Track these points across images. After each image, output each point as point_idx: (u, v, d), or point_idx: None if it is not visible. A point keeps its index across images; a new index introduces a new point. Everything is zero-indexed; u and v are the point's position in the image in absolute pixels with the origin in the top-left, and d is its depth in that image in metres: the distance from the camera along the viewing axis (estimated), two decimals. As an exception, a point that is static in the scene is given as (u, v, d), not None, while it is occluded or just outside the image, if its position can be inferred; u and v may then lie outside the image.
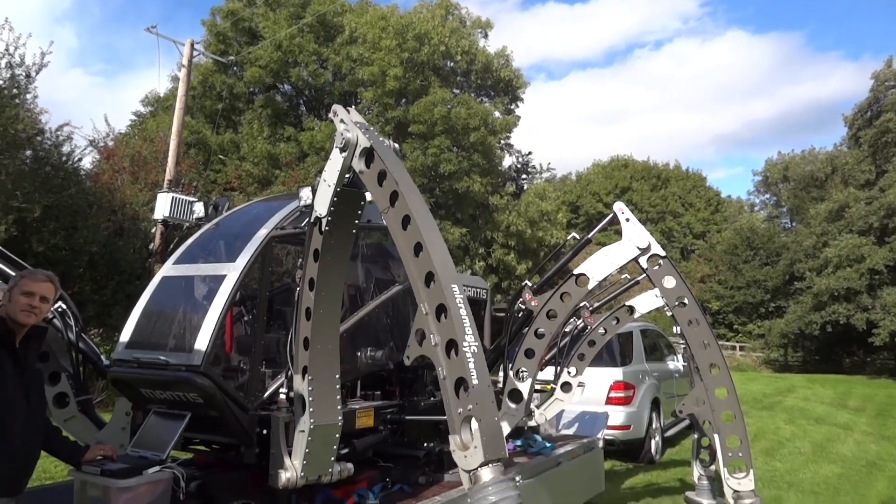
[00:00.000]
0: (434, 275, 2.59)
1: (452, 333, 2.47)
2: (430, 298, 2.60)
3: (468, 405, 2.37)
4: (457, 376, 2.45)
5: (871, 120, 29.85)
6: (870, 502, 7.11)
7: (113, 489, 3.26)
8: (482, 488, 2.29)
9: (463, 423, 2.38)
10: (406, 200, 2.78)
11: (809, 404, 16.34)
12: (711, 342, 4.85)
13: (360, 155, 3.07)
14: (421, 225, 2.71)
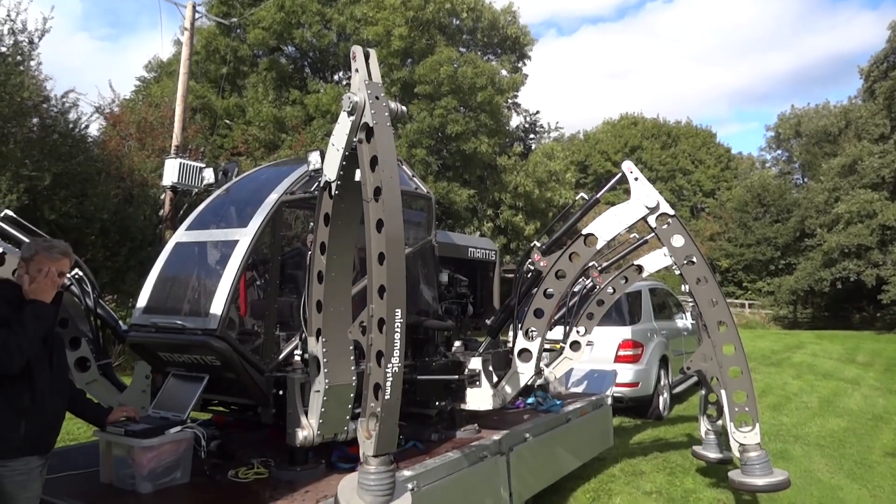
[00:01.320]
0: (384, 287, 2.83)
1: (382, 346, 2.86)
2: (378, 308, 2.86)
3: (377, 407, 2.85)
4: (375, 381, 2.89)
5: (886, 72, 29.16)
6: (874, 454, 7.22)
7: (137, 448, 3.39)
8: (366, 472, 2.85)
9: (370, 417, 2.87)
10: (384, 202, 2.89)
11: (817, 360, 16.45)
12: (720, 300, 4.87)
13: (362, 128, 3.07)
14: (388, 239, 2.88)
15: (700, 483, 6.19)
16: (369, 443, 2.87)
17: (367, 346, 2.94)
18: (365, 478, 2.86)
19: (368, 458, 2.87)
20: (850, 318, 30.41)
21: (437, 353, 5.03)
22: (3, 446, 2.63)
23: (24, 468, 2.69)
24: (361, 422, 2.91)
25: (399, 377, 2.92)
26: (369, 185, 2.96)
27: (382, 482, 2.86)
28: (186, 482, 3.58)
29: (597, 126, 54.92)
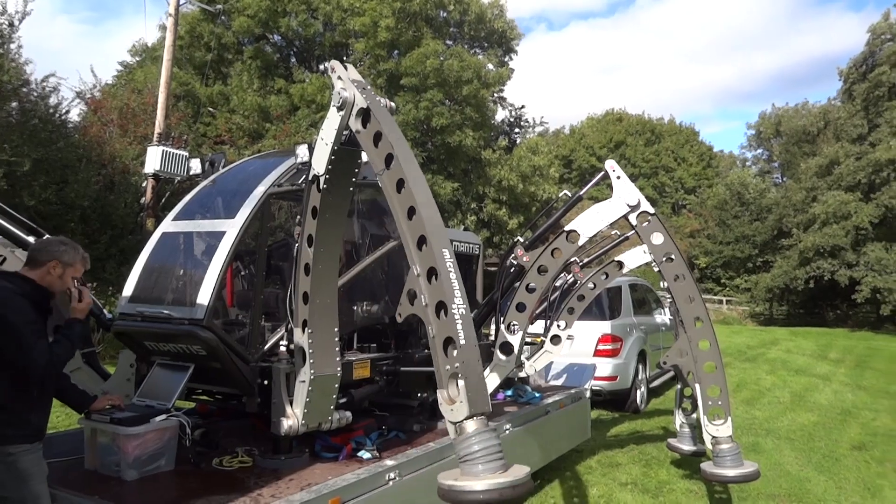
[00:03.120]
0: (426, 238, 2.70)
1: (442, 295, 2.62)
2: (422, 261, 2.72)
3: (455, 363, 2.54)
4: (445, 336, 2.60)
5: (865, 74, 29.64)
6: (841, 448, 7.46)
7: (122, 436, 3.44)
8: (466, 439, 2.48)
9: (450, 380, 2.55)
10: (401, 164, 2.86)
11: (791, 356, 16.81)
12: (696, 297, 5.01)
13: (357, 115, 3.12)
14: (415, 189, 2.79)
15: (674, 475, 6.36)
16: (459, 406, 2.51)
17: (423, 306, 2.69)
18: (466, 448, 2.46)
19: (463, 424, 2.51)
20: (825, 315, 30.99)
21: (421, 344, 5.11)
22: (19, 433, 2.78)
23: (36, 450, 2.86)
24: (440, 392, 2.58)
25: (469, 321, 2.63)
26: (378, 157, 2.94)
27: (489, 447, 2.46)
28: (171, 470, 3.63)
29: (582, 121, 55.21)
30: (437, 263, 2.66)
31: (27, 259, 3.03)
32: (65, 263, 2.97)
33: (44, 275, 2.93)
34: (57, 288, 2.99)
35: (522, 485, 2.45)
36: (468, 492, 2.39)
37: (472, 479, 2.41)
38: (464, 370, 2.52)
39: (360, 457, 3.96)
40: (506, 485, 2.39)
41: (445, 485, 2.46)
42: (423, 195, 2.80)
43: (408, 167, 2.85)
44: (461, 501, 2.40)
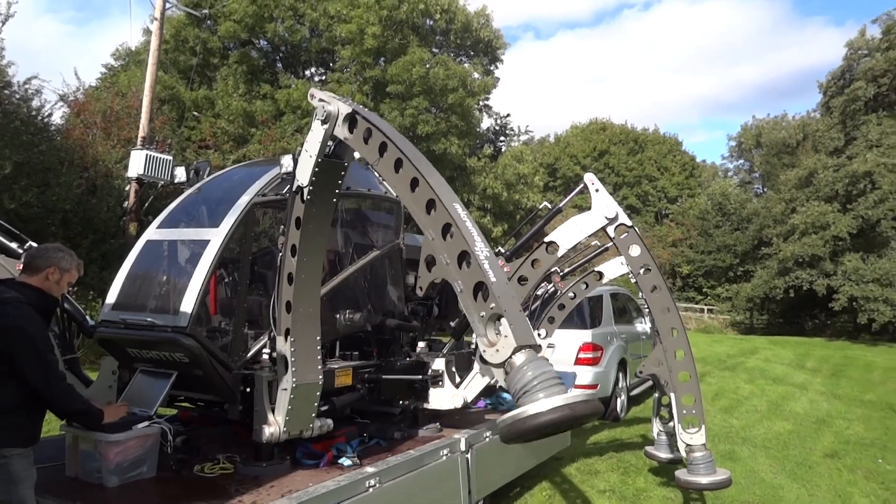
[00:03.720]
0: (435, 201, 2.71)
1: (462, 245, 2.57)
2: (434, 223, 2.69)
3: (490, 304, 2.42)
4: (474, 282, 2.50)
5: (843, 88, 30.27)
6: (814, 455, 7.62)
7: (103, 442, 3.46)
8: (518, 371, 2.31)
9: (488, 323, 2.42)
10: (396, 146, 2.91)
11: (770, 365, 17.06)
12: (672, 307, 5.13)
13: (343, 121, 3.20)
14: (414, 162, 2.83)
15: (651, 482, 6.46)
16: (504, 341, 2.36)
17: (445, 265, 2.61)
18: (520, 380, 2.29)
19: (512, 359, 2.34)
20: (803, 325, 31.48)
21: (402, 353, 5.18)
22: (17, 436, 2.84)
23: (28, 454, 2.92)
24: (480, 340, 2.44)
25: (495, 261, 2.54)
26: (372, 150, 2.97)
27: (545, 373, 2.29)
28: (152, 477, 3.65)
29: (567, 130, 55.65)
30: (450, 218, 2.62)
31: (24, 266, 3.08)
32: (62, 269, 3.05)
33: (42, 281, 3.01)
34: (55, 294, 3.07)
35: (593, 400, 2.29)
36: (534, 414, 2.18)
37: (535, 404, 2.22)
38: (501, 306, 2.39)
39: (340, 464, 3.99)
40: (578, 398, 2.24)
41: (507, 420, 2.24)
42: (423, 166, 2.83)
43: (403, 146, 2.90)
44: (529, 427, 2.19)
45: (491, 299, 2.42)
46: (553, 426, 2.23)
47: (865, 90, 28.12)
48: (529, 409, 2.19)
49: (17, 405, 2.83)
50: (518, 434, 2.24)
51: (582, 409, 2.23)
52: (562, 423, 2.22)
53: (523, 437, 2.29)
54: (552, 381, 2.26)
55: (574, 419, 2.25)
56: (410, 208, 2.82)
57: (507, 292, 2.48)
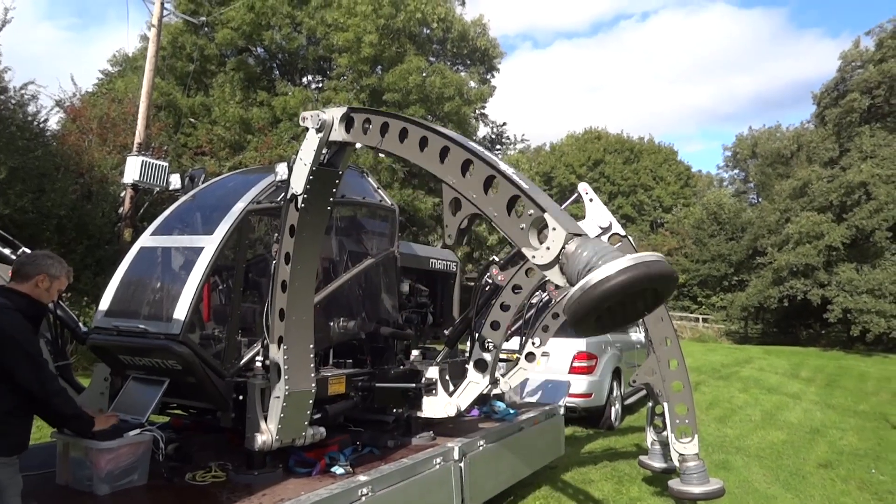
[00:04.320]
0: (447, 146, 2.72)
1: (486, 172, 2.56)
2: (452, 166, 2.68)
3: (528, 210, 2.37)
4: (507, 199, 2.46)
5: (837, 99, 30.50)
6: (808, 465, 7.62)
7: (95, 450, 3.44)
8: (574, 255, 2.18)
9: (530, 231, 2.36)
10: (396, 119, 2.97)
11: (764, 374, 17.09)
12: (665, 317, 5.14)
13: (340, 123, 3.22)
14: (417, 124, 2.88)
15: (645, 491, 6.46)
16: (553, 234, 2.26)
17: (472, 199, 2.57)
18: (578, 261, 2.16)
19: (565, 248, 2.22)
20: (798, 334, 31.55)
21: (396, 361, 5.17)
22: (5, 444, 2.83)
23: (13, 463, 2.90)
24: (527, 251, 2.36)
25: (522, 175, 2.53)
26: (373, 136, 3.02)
27: (602, 248, 2.17)
28: (143, 484, 3.64)
29: (562, 139, 55.86)
30: (468, 154, 2.62)
31: (14, 272, 3.08)
32: (52, 276, 3.05)
33: (32, 288, 3.01)
34: (44, 301, 3.08)
35: (664, 260, 2.12)
36: (604, 278, 2.02)
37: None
38: (541, 206, 2.33)
39: (333, 472, 3.98)
40: (649, 256, 2.08)
41: (574, 294, 2.07)
42: (426, 125, 2.86)
43: (402, 118, 2.94)
44: (600, 294, 2.01)
45: (528, 206, 2.35)
46: (625, 289, 2.01)
47: (860, 101, 28.32)
48: (595, 276, 2.01)
49: (2, 414, 2.82)
50: (588, 305, 2.03)
51: (657, 267, 2.05)
52: (635, 283, 2.02)
53: (593, 313, 2.07)
54: (615, 252, 2.10)
55: (648, 278, 2.04)
56: (426, 166, 2.80)
57: (542, 194, 2.40)
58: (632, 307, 2.23)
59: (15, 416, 2.88)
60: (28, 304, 2.98)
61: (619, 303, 2.08)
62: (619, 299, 2.05)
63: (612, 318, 2.22)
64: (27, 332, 2.90)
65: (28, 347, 2.85)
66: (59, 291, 3.17)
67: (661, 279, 2.10)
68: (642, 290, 2.10)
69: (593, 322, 2.17)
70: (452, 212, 2.70)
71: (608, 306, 2.07)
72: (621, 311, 2.20)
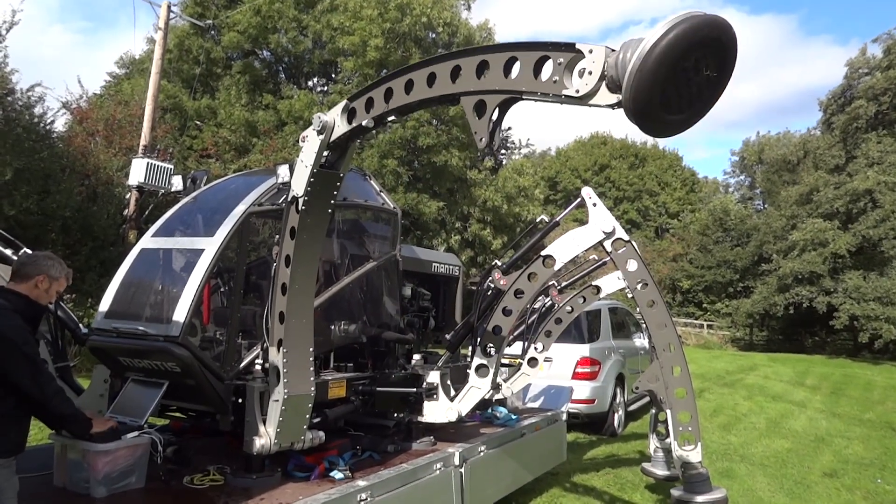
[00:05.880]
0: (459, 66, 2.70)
1: (504, 57, 2.54)
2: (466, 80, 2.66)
3: (558, 61, 2.35)
4: (532, 63, 2.46)
5: (843, 106, 30.40)
6: (813, 474, 7.55)
7: (92, 452, 3.42)
8: (621, 60, 2.13)
9: (564, 77, 2.33)
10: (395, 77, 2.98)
11: (769, 382, 16.97)
12: (668, 323, 5.10)
13: (342, 116, 3.22)
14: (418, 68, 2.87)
15: (648, 499, 6.40)
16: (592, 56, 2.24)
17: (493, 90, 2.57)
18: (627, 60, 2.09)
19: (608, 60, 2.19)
20: (803, 342, 31.38)
21: (397, 365, 5.14)
22: (8, 445, 2.83)
23: (9, 465, 2.88)
24: (567, 91, 2.35)
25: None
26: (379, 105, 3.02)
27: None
28: (141, 487, 3.61)
29: (568, 143, 55.82)
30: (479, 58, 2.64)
31: (13, 273, 3.07)
32: (52, 278, 3.05)
33: (31, 288, 3.00)
34: (43, 302, 3.07)
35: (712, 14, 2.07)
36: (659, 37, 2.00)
37: None
38: (568, 45, 2.35)
39: (332, 477, 3.96)
40: (697, 11, 2.05)
41: (635, 60, 2.01)
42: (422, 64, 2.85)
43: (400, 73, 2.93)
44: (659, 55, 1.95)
45: (555, 56, 2.32)
46: (686, 38, 1.93)
47: (866, 108, 28.22)
48: (652, 36, 1.93)
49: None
50: (650, 74, 1.94)
51: (710, 17, 1.99)
52: (695, 30, 1.95)
53: (658, 73, 1.97)
54: None
55: (707, 23, 1.98)
56: (440, 95, 2.78)
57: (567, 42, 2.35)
58: (696, 79, 2.09)
59: (12, 417, 2.86)
60: (27, 305, 2.97)
61: (682, 67, 1.97)
62: (680, 59, 1.93)
63: (679, 95, 2.07)
64: (25, 333, 2.88)
65: (26, 348, 2.84)
66: (58, 292, 3.16)
67: (718, 26, 2.01)
68: (703, 46, 2.00)
69: (658, 104, 2.02)
70: (478, 116, 2.62)
71: (672, 73, 1.96)
72: (686, 85, 2.06)
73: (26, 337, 2.87)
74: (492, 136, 2.60)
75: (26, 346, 2.84)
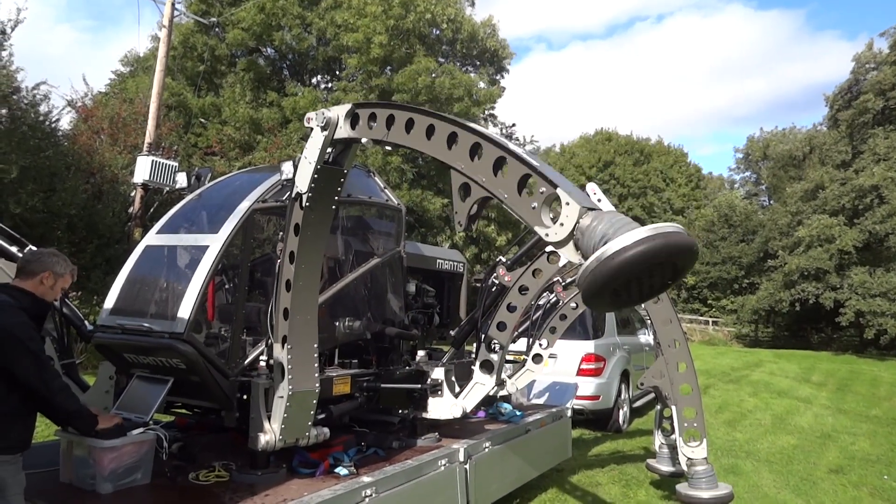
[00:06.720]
0: (455, 132, 2.70)
1: (496, 153, 2.53)
2: (461, 151, 2.66)
3: (540, 188, 2.34)
4: (517, 179, 2.43)
5: (850, 101, 30.21)
6: (819, 471, 7.52)
7: (98, 449, 3.43)
8: (589, 228, 2.14)
9: (542, 209, 2.33)
10: (402, 109, 2.97)
11: (774, 378, 16.92)
12: (674, 319, 5.08)
13: (345, 119, 3.21)
14: (422, 114, 2.88)
15: (653, 495, 6.39)
16: (567, 209, 2.23)
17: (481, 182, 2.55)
18: (593, 234, 2.12)
19: (579, 222, 2.20)
20: (809, 338, 31.26)
21: (402, 361, 5.14)
22: (6, 443, 2.83)
23: (16, 461, 2.89)
24: (539, 230, 2.33)
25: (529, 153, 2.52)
26: (380, 129, 3.02)
27: (617, 219, 2.12)
28: (147, 483, 3.62)
29: (573, 140, 55.67)
30: (476, 138, 2.62)
31: (18, 270, 3.08)
32: (57, 274, 3.06)
33: (37, 285, 3.01)
34: (48, 298, 3.08)
35: (684, 232, 2.06)
36: (620, 249, 1.97)
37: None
38: (553, 182, 2.30)
39: (337, 473, 3.96)
40: (667, 226, 2.02)
41: (590, 265, 2.01)
42: (432, 113, 2.85)
43: (407, 108, 2.93)
44: (617, 265, 1.95)
45: (539, 184, 2.31)
46: (643, 262, 1.96)
47: (873, 103, 28.03)
48: (612, 246, 1.96)
49: (3, 412, 2.81)
50: (605, 277, 1.97)
51: (676, 238, 2.00)
52: (653, 255, 1.97)
53: (609, 287, 2.02)
54: (632, 224, 2.04)
55: (667, 250, 1.99)
56: (434, 154, 2.78)
57: (553, 172, 2.38)
58: (648, 282, 2.15)
59: (18, 414, 2.87)
60: (32, 302, 2.97)
61: (636, 276, 2.03)
62: (636, 271, 1.99)
63: (629, 293, 2.15)
64: (30, 330, 2.89)
65: (31, 345, 2.84)
66: (63, 289, 3.16)
67: (680, 251, 2.03)
68: (660, 263, 2.04)
69: (609, 296, 2.10)
70: (462, 197, 2.67)
71: (625, 280, 2.02)
72: (637, 286, 2.13)
73: (32, 333, 2.88)
74: (469, 221, 2.68)
75: (32, 343, 2.85)
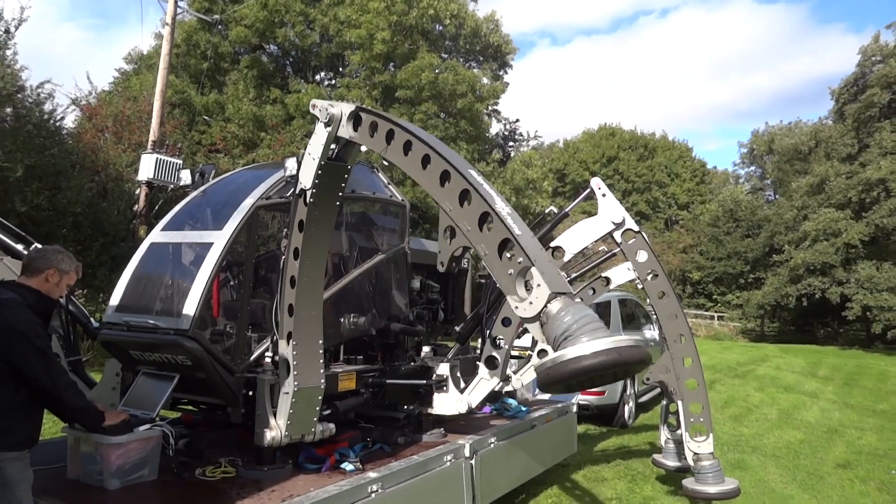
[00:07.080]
0: (448, 171, 2.70)
1: (483, 208, 2.54)
2: (451, 193, 2.66)
3: (518, 258, 2.38)
4: (498, 241, 2.46)
5: (856, 95, 30.01)
6: (826, 466, 7.50)
7: (105, 445, 3.45)
8: (555, 317, 2.21)
9: (517, 279, 2.36)
10: (403, 129, 2.95)
11: (781, 373, 16.87)
12: (679, 314, 5.07)
13: (348, 120, 3.20)
14: (423, 139, 2.86)
15: (659, 490, 6.38)
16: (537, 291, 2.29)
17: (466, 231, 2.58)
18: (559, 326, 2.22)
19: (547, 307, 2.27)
20: (815, 333, 31.16)
21: (407, 357, 5.14)
22: (10, 441, 2.83)
23: (24, 457, 2.90)
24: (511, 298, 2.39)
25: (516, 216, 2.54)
26: (379, 140, 3.01)
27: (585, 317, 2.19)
28: (154, 479, 3.64)
29: (576, 135, 55.54)
30: (466, 184, 2.62)
31: (24, 267, 3.09)
32: (62, 271, 3.07)
33: (42, 282, 3.02)
34: (54, 295, 3.09)
35: (642, 347, 2.16)
36: (576, 357, 2.07)
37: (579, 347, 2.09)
38: (530, 258, 2.34)
39: (343, 469, 3.97)
40: (625, 342, 2.11)
41: (546, 363, 2.13)
42: (433, 141, 2.85)
43: (410, 128, 2.94)
44: (570, 372, 2.06)
45: (518, 253, 2.36)
46: (596, 371, 2.09)
47: (880, 96, 27.85)
48: (570, 353, 2.07)
49: (11, 409, 2.82)
50: (556, 379, 2.12)
51: (630, 353, 2.10)
52: (606, 368, 2.09)
53: (562, 384, 2.17)
54: (595, 324, 2.14)
55: (620, 364, 2.10)
56: (425, 185, 2.79)
57: (534, 245, 2.44)
58: (600, 378, 2.32)
59: (25, 410, 2.88)
60: (38, 299, 2.98)
61: (588, 378, 2.22)
62: (589, 376, 2.15)
63: (581, 385, 2.33)
64: (37, 327, 2.90)
65: (38, 342, 2.85)
66: (69, 286, 3.17)
67: (632, 364, 2.18)
68: (613, 372, 2.24)
69: (562, 388, 2.30)
70: (447, 239, 2.75)
71: (578, 382, 2.22)
72: (590, 382, 2.30)
73: (38, 330, 2.89)
74: (450, 264, 2.82)
75: (38, 340, 2.86)
